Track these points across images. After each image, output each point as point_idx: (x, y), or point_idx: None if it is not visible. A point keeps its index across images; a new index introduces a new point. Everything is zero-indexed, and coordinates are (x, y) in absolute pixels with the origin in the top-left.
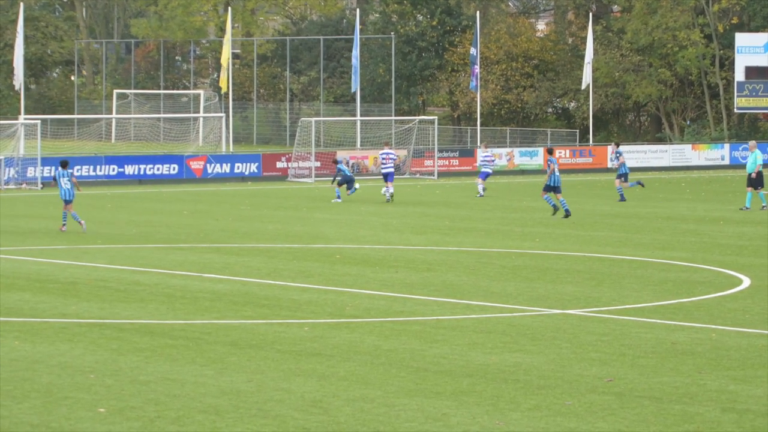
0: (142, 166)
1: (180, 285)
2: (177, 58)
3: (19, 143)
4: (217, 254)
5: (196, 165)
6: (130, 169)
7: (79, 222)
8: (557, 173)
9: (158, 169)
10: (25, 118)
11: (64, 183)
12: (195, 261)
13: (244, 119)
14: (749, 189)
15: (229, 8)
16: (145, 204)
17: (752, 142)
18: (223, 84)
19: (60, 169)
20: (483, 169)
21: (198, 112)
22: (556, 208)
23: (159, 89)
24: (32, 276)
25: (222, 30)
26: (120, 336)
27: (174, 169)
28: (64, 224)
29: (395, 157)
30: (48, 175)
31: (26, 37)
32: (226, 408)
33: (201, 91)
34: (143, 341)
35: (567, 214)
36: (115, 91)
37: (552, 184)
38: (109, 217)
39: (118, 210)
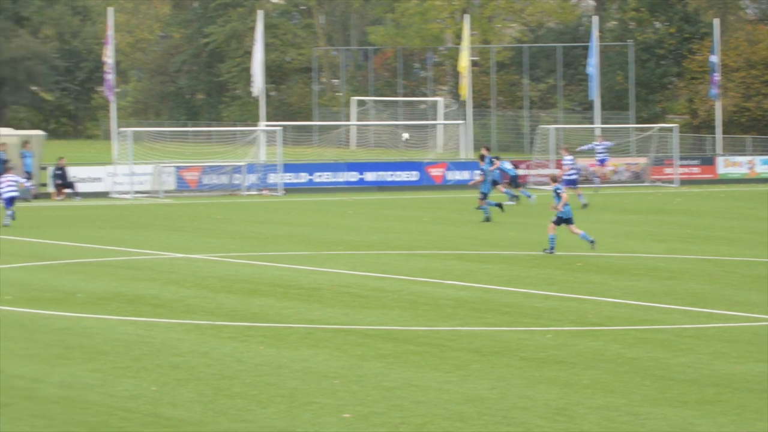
0: (382, 173)
1: (422, 291)
2: (415, 65)
3: (260, 150)
4: (458, 261)
5: (435, 172)
6: (370, 176)
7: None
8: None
9: (398, 176)
10: (266, 125)
11: None
12: (436, 267)
13: (482, 126)
14: None
15: (467, 16)
16: (385, 210)
17: None
18: (462, 91)
19: None
20: (566, 177)
21: (436, 119)
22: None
23: (397, 96)
24: (275, 281)
25: (459, 37)
26: (364, 342)
27: (414, 176)
28: None
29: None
30: (290, 181)
31: (265, 45)
32: (471, 415)
33: (439, 99)
34: (387, 347)
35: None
36: (353, 98)
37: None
38: (351, 223)
39: (359, 216)
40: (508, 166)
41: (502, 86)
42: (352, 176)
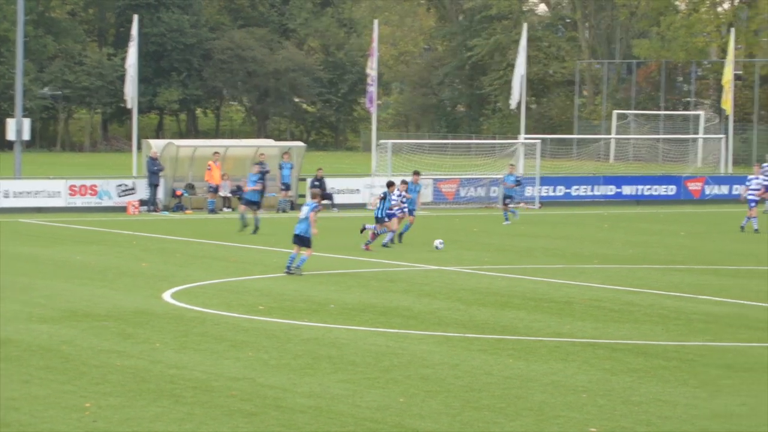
0: (640, 187)
1: (674, 306)
2: (678, 78)
3: (519, 162)
4: (713, 276)
5: (693, 186)
6: (627, 190)
7: None
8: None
9: (655, 190)
10: (525, 138)
11: None
12: (690, 282)
13: (743, 141)
14: None
15: (732, 29)
16: (641, 224)
17: None
18: (726, 105)
19: None
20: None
21: (697, 133)
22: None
23: (659, 110)
24: (528, 294)
25: (724, 51)
26: (613, 356)
27: (671, 189)
28: None
29: None
30: (546, 194)
31: (529, 58)
32: (717, 431)
33: (701, 112)
34: (636, 362)
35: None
36: (614, 111)
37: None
38: (606, 236)
39: (615, 230)
40: None
41: (765, 100)
42: (610, 190)
